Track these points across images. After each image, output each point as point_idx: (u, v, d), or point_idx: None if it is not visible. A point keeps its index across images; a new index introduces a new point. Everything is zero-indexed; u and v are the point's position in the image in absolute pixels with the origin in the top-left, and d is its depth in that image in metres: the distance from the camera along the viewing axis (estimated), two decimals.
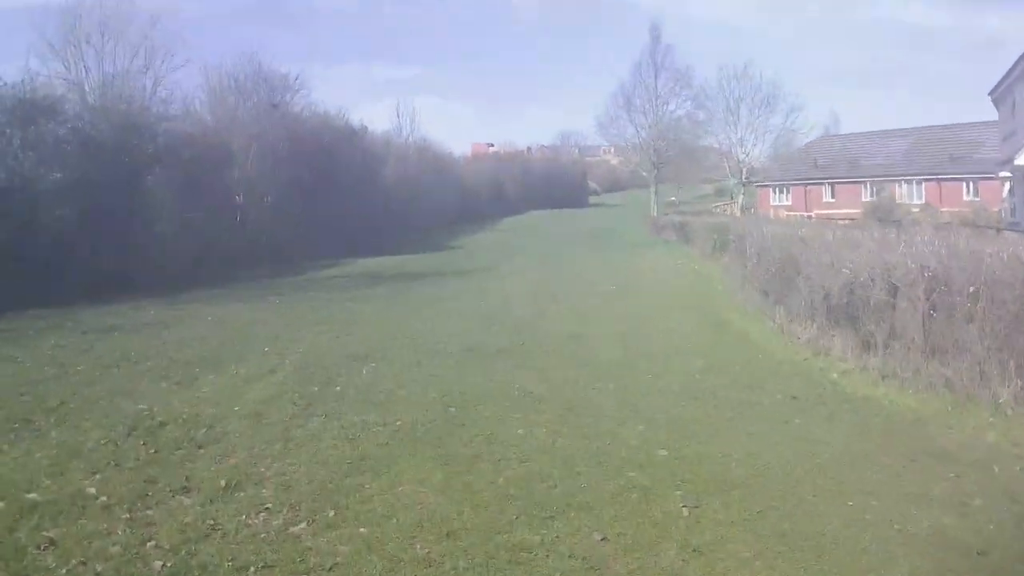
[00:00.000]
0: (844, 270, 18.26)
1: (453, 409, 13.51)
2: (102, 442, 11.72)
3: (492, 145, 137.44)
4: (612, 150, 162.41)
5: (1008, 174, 48.34)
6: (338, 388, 14.95)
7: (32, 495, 9.61)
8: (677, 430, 12.50)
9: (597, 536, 8.53)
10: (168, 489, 9.90)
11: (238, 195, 45.12)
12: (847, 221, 52.24)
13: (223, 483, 10.02)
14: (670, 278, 35.48)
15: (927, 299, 16.10)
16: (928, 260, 16.36)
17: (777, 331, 20.56)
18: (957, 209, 56.41)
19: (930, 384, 14.98)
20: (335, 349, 18.93)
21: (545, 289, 32.13)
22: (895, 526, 8.91)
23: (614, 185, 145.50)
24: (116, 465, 10.76)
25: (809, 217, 63.22)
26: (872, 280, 17.75)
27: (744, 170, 78.14)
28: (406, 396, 14.42)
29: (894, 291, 17.62)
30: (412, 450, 11.38)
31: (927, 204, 63.20)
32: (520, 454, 11.19)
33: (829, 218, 55.61)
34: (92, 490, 9.85)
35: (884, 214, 56.93)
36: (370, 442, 11.72)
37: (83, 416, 13.12)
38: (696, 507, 9.39)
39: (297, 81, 55.58)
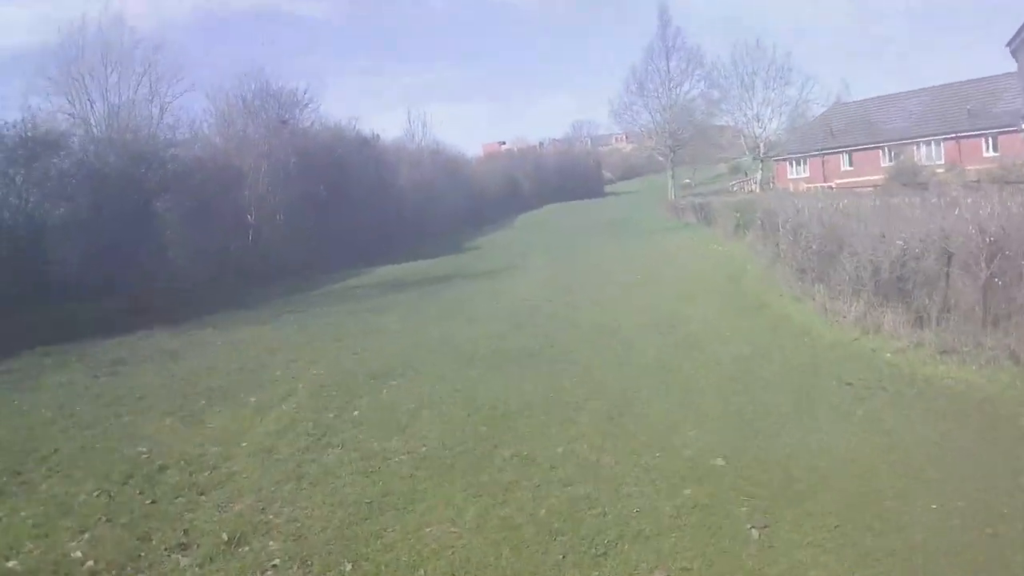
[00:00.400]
0: (898, 241, 16.78)
1: (484, 428, 12.19)
2: (95, 494, 10.53)
3: (504, 143, 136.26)
4: (625, 137, 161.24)
5: None
6: (356, 412, 13.61)
7: (11, 563, 8.56)
8: (732, 431, 11.23)
9: (659, 575, 7.21)
10: (163, 547, 8.77)
11: (249, 214, 43.85)
12: (870, 188, 50.67)
13: (225, 536, 8.85)
14: (696, 262, 33.89)
15: (988, 266, 14.75)
16: (988, 225, 14.91)
17: (820, 311, 19.10)
18: (981, 167, 54.35)
19: (993, 358, 13.83)
20: (354, 367, 17.55)
21: (568, 284, 30.66)
22: (987, 530, 7.78)
23: (629, 172, 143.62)
24: (108, 521, 9.59)
25: (830, 188, 61.22)
26: (926, 250, 16.38)
27: (762, 145, 76.09)
28: (431, 416, 13.07)
29: (947, 260, 16.30)
30: (440, 481, 10.10)
31: (951, 164, 61.07)
32: (562, 477, 9.92)
33: (851, 187, 53.93)
34: (78, 553, 8.76)
35: (908, 178, 54.87)
36: (392, 474, 10.44)
37: (77, 464, 11.90)
38: (766, 527, 8.24)
39: (306, 95, 54.24)
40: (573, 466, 10.21)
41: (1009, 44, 49.77)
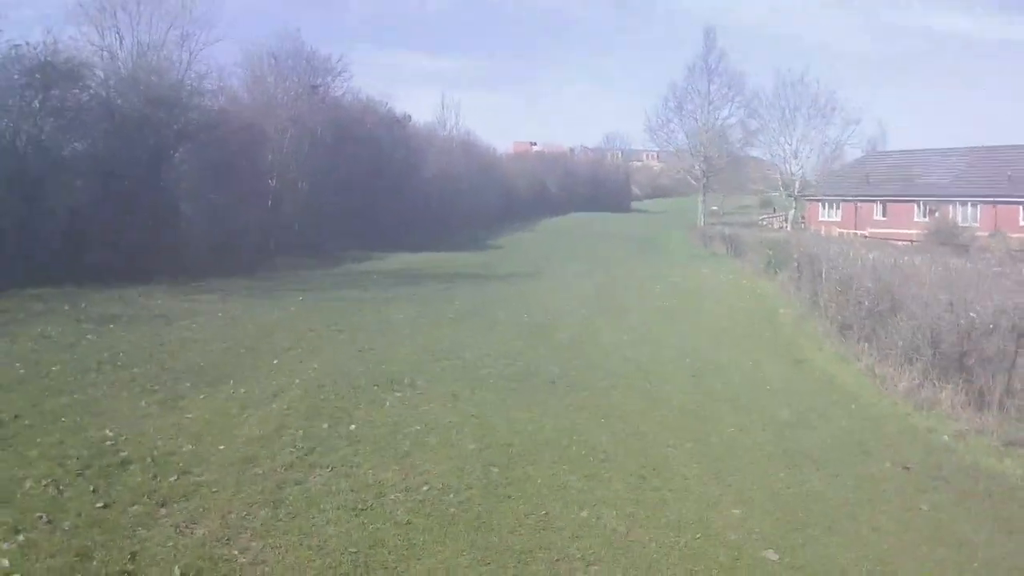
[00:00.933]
0: (971, 314, 15.14)
1: (495, 469, 10.51)
2: (44, 483, 9.12)
3: (535, 144, 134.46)
4: (656, 156, 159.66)
5: None
6: (353, 427, 11.94)
7: None
8: (782, 516, 9.61)
9: None
10: (103, 572, 7.19)
11: (271, 179, 42.30)
12: (905, 242, 49.06)
13: (178, 572, 7.32)
14: (726, 296, 32.27)
15: None
16: None
17: (867, 374, 17.54)
18: (1016, 235, 52.64)
19: None
20: (357, 368, 15.92)
21: (594, 302, 29.06)
22: None
23: (656, 191, 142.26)
24: (49, 523, 8.15)
25: (863, 236, 59.65)
26: (997, 325, 14.79)
27: (796, 183, 73.95)
28: (437, 445, 11.40)
29: (1018, 339, 14.72)
30: (440, 535, 8.49)
31: (997, 229, 59.26)
32: (585, 551, 8.32)
33: (884, 238, 52.28)
34: (5, 562, 7.33)
35: (946, 237, 53.03)
36: (386, 518, 8.81)
37: (34, 440, 10.50)
38: None
39: (340, 63, 51.84)
40: (599, 538, 8.60)
41: None
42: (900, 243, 48.27)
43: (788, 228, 69.31)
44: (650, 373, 17.09)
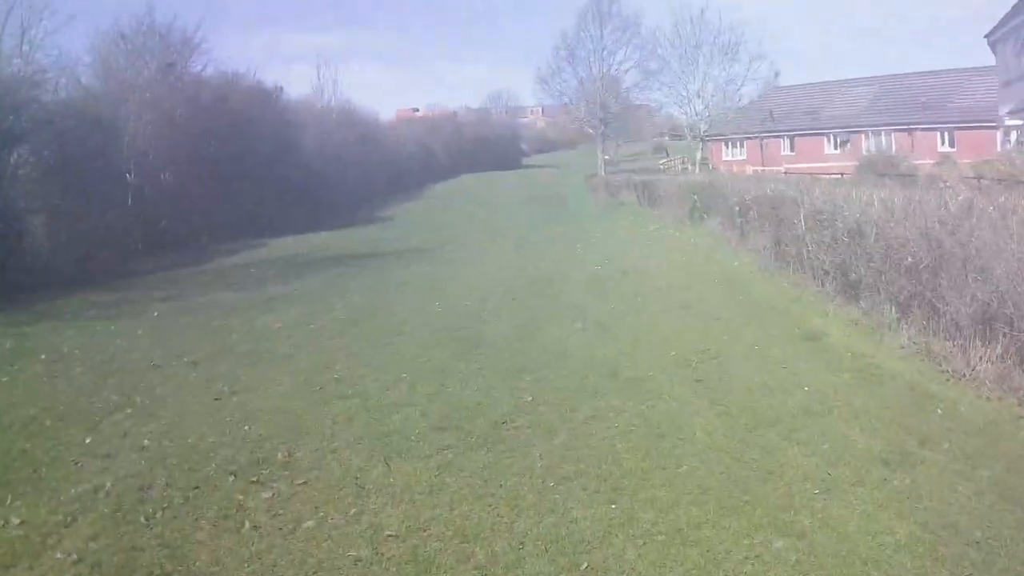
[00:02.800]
0: None
1: None
2: None
3: (417, 110, 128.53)
4: (542, 111, 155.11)
5: (1020, 121, 41.61)
6: None
7: None
8: None
9: None
10: None
11: (128, 172, 36.23)
12: (834, 175, 44.73)
13: None
14: (668, 254, 27.17)
15: None
16: None
17: (920, 355, 12.59)
18: (975, 160, 49.09)
19: None
20: (208, 436, 10.33)
21: (517, 280, 23.74)
22: None
23: (544, 146, 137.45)
24: None
25: (783, 172, 55.15)
26: None
27: (702, 124, 69.01)
28: None
29: None
30: None
31: (946, 156, 55.35)
32: None
33: (807, 173, 47.94)
34: None
35: (885, 168, 48.48)
36: None
37: None
38: None
39: (198, 35, 45.58)
40: None
41: (988, 36, 47.07)
42: (829, 176, 44.14)
43: (696, 170, 64.65)
44: (638, 388, 11.67)
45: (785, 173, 51.29)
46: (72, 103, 35.00)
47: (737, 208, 28.63)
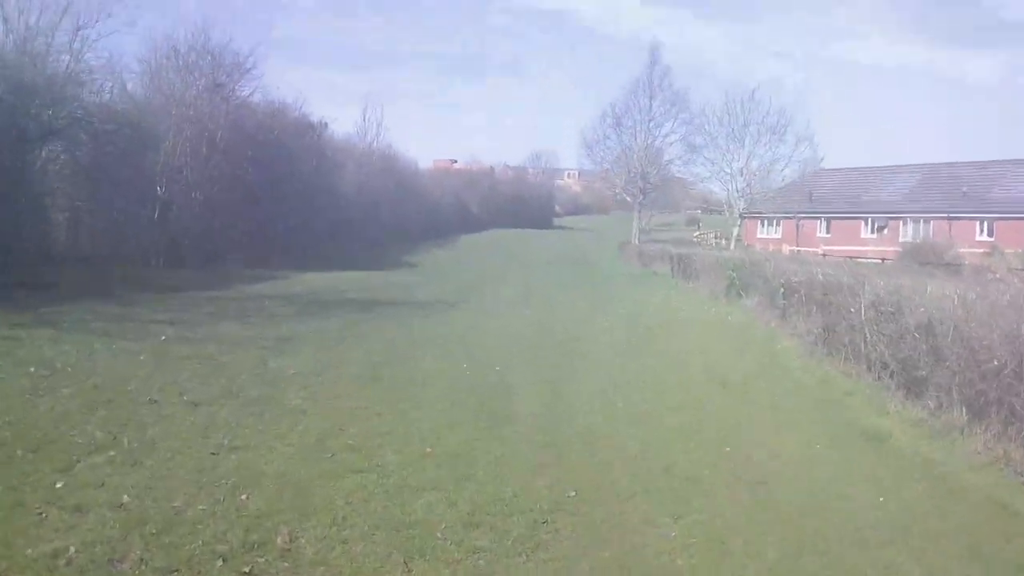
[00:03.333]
0: None
1: None
2: None
3: (455, 162, 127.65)
4: (577, 174, 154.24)
5: None
6: None
7: None
8: None
9: None
10: None
11: (160, 186, 35.01)
12: (878, 261, 43.02)
13: None
14: (704, 331, 25.46)
15: None
16: None
17: (998, 463, 10.75)
18: (1017, 250, 47.45)
19: None
20: (196, 501, 8.69)
21: (551, 344, 22.04)
22: None
23: (576, 209, 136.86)
24: None
25: (820, 254, 53.42)
26: None
27: (741, 201, 67.70)
28: None
29: None
30: None
31: (992, 246, 54.16)
32: None
33: (850, 256, 46.36)
34: None
35: (930, 256, 46.51)
36: None
37: None
38: None
39: (250, 60, 44.06)
40: None
41: None
42: (863, 261, 42.53)
43: (731, 246, 63.22)
44: (695, 489, 9.99)
45: (823, 256, 49.40)
46: (113, 107, 33.88)
47: (781, 289, 27.21)
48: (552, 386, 16.34)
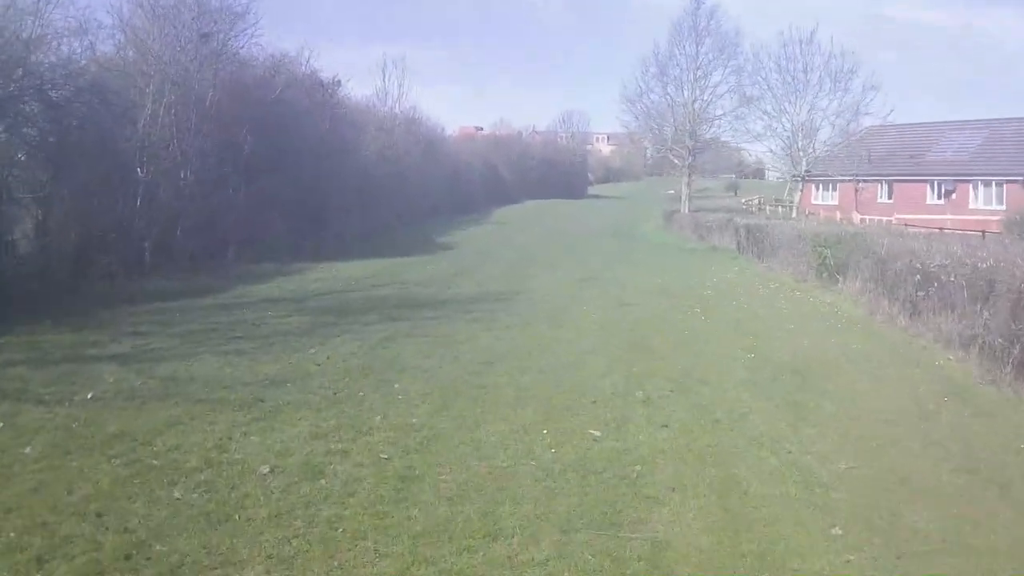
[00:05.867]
0: None
1: None
2: None
3: (481, 128, 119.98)
4: (607, 138, 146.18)
5: None
6: None
7: None
8: None
9: None
10: None
11: (140, 166, 27.51)
12: (978, 232, 35.12)
13: None
14: (827, 336, 19.18)
15: None
16: None
17: None
18: None
19: None
20: None
21: (647, 366, 15.14)
22: None
23: (608, 175, 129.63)
24: None
25: (897, 223, 45.31)
26: None
27: (804, 161, 57.82)
28: None
29: None
30: None
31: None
32: None
33: (934, 227, 38.85)
34: None
35: None
36: None
37: None
38: None
39: (244, 4, 35.63)
40: None
41: None
42: (945, 232, 35.51)
43: (793, 214, 55.13)
44: None
45: (905, 226, 40.88)
46: (75, 72, 26.41)
47: (918, 277, 20.60)
48: (680, 449, 9.99)
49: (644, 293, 26.04)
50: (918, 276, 20.65)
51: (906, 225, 40.82)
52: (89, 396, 11.84)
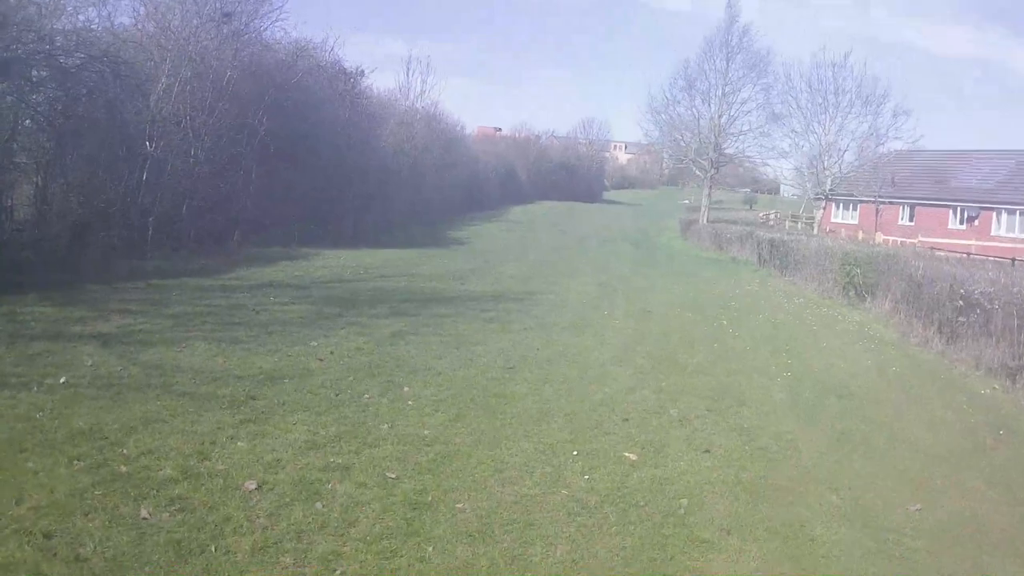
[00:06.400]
0: None
1: None
2: None
3: (500, 129, 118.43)
4: (624, 147, 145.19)
5: None
6: None
7: None
8: None
9: None
10: None
11: (149, 140, 26.11)
12: (1007, 259, 33.78)
13: None
14: (850, 350, 18.35)
15: None
16: None
17: None
18: None
19: None
20: None
21: (678, 382, 13.67)
22: None
23: (623, 183, 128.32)
24: None
25: (927, 246, 43.78)
26: None
27: (829, 180, 56.21)
28: None
29: None
30: None
31: None
32: None
33: (958, 251, 37.61)
34: None
35: None
36: None
37: None
38: None
39: None
40: None
41: None
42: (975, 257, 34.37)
43: (815, 230, 53.64)
44: None
45: (932, 250, 39.53)
46: (88, 40, 25.00)
47: (960, 303, 19.45)
48: (728, 483, 8.52)
49: (667, 302, 24.74)
50: (960, 302, 19.61)
51: (932, 249, 39.48)
52: (61, 381, 10.44)
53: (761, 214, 71.07)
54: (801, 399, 13.42)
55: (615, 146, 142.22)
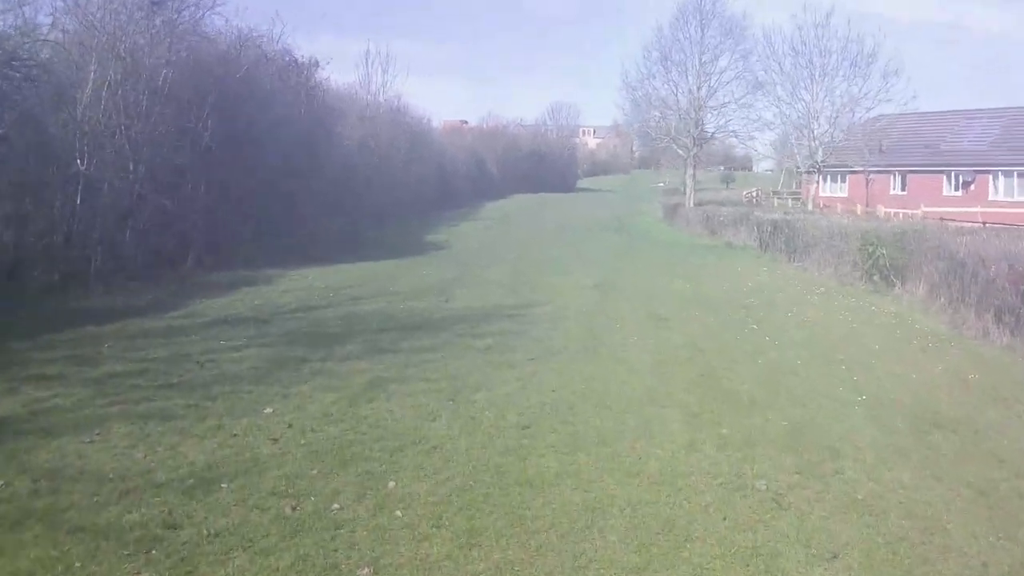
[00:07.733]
0: None
1: None
2: None
3: (466, 122, 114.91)
4: (593, 132, 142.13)
5: None
6: None
7: None
8: None
9: None
10: None
11: (79, 157, 22.52)
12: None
13: None
14: (894, 353, 15.73)
15: None
16: None
17: None
18: None
19: None
20: None
21: (724, 412, 10.83)
22: None
23: (594, 169, 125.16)
24: None
25: (937, 217, 40.78)
26: None
27: (820, 151, 53.07)
28: None
29: None
30: None
31: None
32: None
33: (964, 220, 34.82)
34: None
35: None
36: None
37: None
38: None
39: None
40: None
41: None
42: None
43: (810, 207, 50.48)
44: None
45: (942, 220, 36.44)
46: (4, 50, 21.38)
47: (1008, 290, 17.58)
48: None
49: (678, 303, 21.69)
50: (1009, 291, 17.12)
51: (941, 219, 36.51)
52: None
53: (744, 192, 67.83)
54: (898, 437, 10.49)
55: (584, 131, 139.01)
